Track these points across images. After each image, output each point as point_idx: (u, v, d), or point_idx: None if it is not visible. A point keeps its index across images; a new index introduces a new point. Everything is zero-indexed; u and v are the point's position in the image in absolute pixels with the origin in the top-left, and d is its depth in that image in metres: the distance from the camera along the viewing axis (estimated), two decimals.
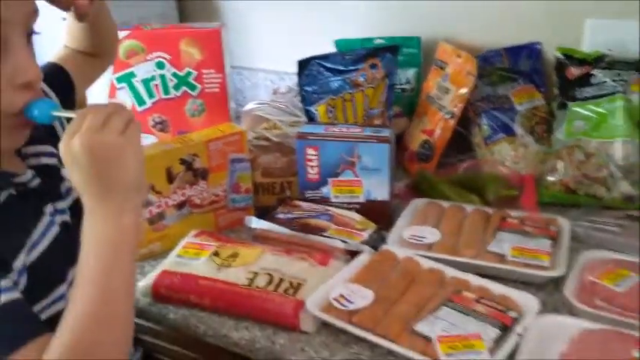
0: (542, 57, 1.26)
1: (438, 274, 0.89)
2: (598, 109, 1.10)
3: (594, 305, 0.81)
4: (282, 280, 0.87)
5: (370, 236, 0.98)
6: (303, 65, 1.22)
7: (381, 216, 1.04)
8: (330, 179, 1.07)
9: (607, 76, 1.12)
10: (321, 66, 1.22)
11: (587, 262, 0.90)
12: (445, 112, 1.22)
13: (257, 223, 1.02)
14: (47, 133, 0.79)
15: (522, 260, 0.90)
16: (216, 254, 0.93)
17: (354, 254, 0.94)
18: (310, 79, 1.22)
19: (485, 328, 0.75)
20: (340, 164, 1.05)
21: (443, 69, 1.26)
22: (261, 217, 1.04)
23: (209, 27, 1.26)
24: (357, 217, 1.03)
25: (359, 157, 1.04)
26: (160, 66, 1.24)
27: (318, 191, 1.08)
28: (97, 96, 1.04)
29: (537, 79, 1.26)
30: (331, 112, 1.22)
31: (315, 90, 1.22)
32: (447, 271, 0.89)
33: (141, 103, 1.27)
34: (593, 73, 1.14)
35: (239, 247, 0.95)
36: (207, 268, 0.90)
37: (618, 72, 1.11)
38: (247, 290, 0.86)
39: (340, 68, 1.22)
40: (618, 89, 1.10)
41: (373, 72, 1.23)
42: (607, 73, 1.12)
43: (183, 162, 1.01)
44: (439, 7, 1.34)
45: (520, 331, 0.75)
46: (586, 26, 1.20)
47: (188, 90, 1.26)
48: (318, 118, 1.22)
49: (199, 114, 1.28)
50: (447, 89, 1.23)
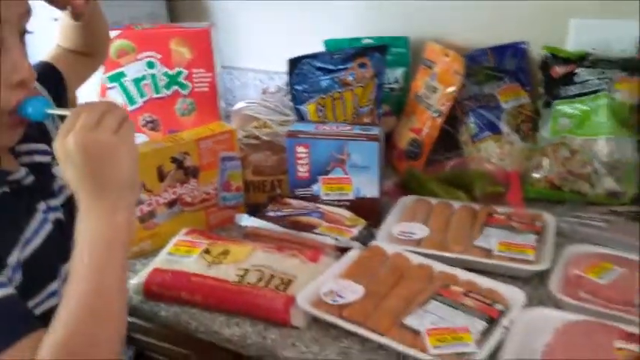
0: (527, 56, 1.28)
1: (427, 269, 0.90)
2: (582, 107, 1.12)
3: (579, 298, 0.83)
4: (272, 276, 0.87)
5: (360, 233, 0.99)
6: (294, 64, 1.23)
7: (371, 213, 1.05)
8: (320, 177, 1.08)
9: (591, 75, 1.13)
10: (311, 65, 1.23)
11: (572, 256, 0.92)
12: (433, 111, 1.23)
13: (247, 221, 1.03)
14: (39, 131, 0.80)
15: (509, 255, 0.91)
16: (207, 252, 0.94)
17: (344, 250, 0.95)
18: (300, 78, 1.23)
19: (473, 321, 0.77)
20: (330, 162, 1.06)
21: (431, 68, 1.27)
22: (252, 214, 1.04)
23: (198, 27, 1.27)
24: (347, 214, 1.04)
25: (348, 154, 1.05)
26: (151, 65, 1.24)
27: (308, 189, 1.09)
28: (88, 96, 1.05)
29: (523, 77, 1.27)
30: (321, 110, 1.23)
31: (305, 89, 1.23)
32: (436, 266, 0.91)
33: (132, 102, 1.27)
34: (578, 72, 1.15)
35: (230, 245, 0.95)
36: (199, 266, 0.91)
37: (602, 70, 1.13)
38: (238, 287, 0.86)
39: (330, 67, 1.23)
40: (602, 87, 1.11)
41: (362, 71, 1.23)
42: (591, 71, 1.13)
43: (174, 160, 1.02)
44: (427, 7, 1.35)
45: (506, 323, 0.77)
46: (570, 26, 1.22)
47: (179, 89, 1.27)
48: (308, 117, 1.23)
49: (189, 113, 1.29)
50: (435, 88, 1.24)
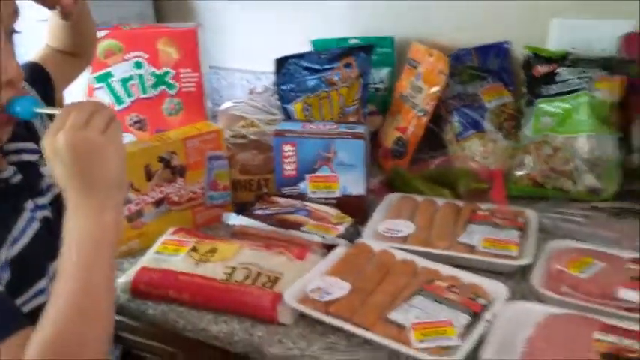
0: (510, 56, 1.30)
1: (412, 265, 0.91)
2: (563, 106, 1.14)
3: (560, 292, 0.84)
4: (259, 273, 0.88)
5: (346, 230, 1.00)
6: (280, 64, 1.23)
7: (357, 210, 1.06)
8: (307, 175, 1.08)
9: (572, 74, 1.15)
10: (297, 65, 1.23)
11: (554, 251, 0.93)
12: (418, 110, 1.24)
13: (235, 220, 1.04)
14: (27, 130, 0.80)
15: (492, 251, 0.93)
16: (194, 250, 0.94)
17: (330, 248, 0.96)
18: (287, 78, 1.24)
19: (457, 315, 0.78)
20: (317, 160, 1.07)
21: (415, 68, 1.28)
22: (239, 213, 1.05)
23: (185, 27, 1.27)
24: (333, 211, 1.05)
25: (335, 153, 1.06)
26: (138, 65, 1.24)
27: (295, 187, 1.10)
28: (75, 95, 1.05)
29: (506, 77, 1.29)
30: (308, 110, 1.24)
31: (291, 88, 1.24)
32: (420, 261, 0.92)
33: (119, 102, 1.27)
34: (559, 71, 1.16)
35: (217, 243, 0.96)
36: (186, 264, 0.91)
37: (583, 69, 1.14)
38: (225, 284, 0.87)
39: (316, 67, 1.24)
40: (583, 86, 1.13)
41: (348, 71, 1.24)
42: (572, 70, 1.15)
43: (161, 160, 1.02)
44: (412, 8, 1.37)
45: (489, 317, 0.78)
46: (552, 26, 1.24)
47: (166, 89, 1.27)
48: (295, 116, 1.24)
49: (176, 113, 1.29)
50: (420, 88, 1.25)
